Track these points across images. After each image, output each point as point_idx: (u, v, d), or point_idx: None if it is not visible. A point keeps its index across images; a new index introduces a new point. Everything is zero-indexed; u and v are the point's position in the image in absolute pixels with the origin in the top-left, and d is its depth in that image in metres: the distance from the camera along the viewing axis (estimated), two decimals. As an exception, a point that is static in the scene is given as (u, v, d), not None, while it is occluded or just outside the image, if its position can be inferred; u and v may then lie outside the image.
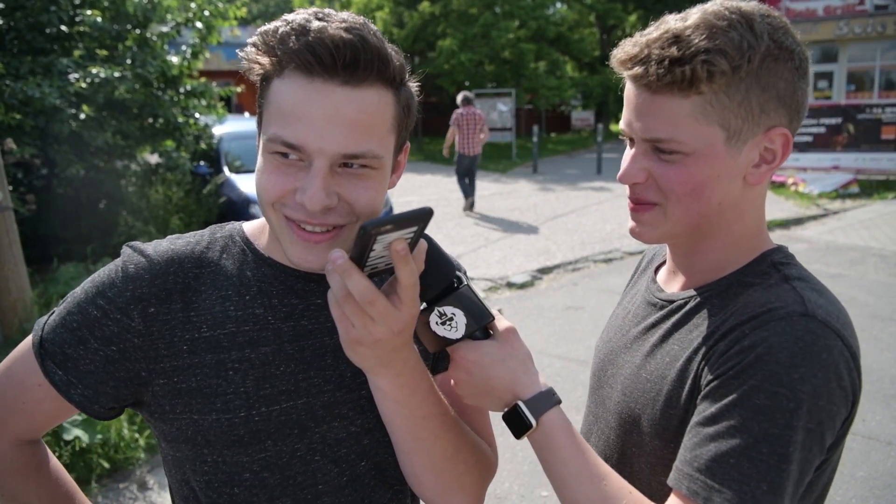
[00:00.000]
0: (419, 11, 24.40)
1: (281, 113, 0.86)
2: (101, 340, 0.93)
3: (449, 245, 9.17)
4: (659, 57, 0.91)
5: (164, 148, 7.42)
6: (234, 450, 0.95)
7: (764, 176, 0.96)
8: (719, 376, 0.86)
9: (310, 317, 0.99)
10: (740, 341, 0.87)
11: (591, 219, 11.12)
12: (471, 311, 0.92)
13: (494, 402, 0.96)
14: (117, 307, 0.93)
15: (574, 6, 29.28)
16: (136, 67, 6.68)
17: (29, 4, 6.55)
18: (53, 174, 6.98)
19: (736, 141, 0.92)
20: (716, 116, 0.91)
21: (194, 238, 1.02)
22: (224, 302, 0.96)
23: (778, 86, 0.91)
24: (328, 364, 0.98)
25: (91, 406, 0.96)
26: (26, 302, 4.67)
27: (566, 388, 4.72)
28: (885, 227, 9.53)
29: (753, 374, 0.83)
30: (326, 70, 0.84)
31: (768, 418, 0.81)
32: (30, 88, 5.74)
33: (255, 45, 0.88)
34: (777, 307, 0.88)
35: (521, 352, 0.97)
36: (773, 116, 0.93)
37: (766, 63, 0.90)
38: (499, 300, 6.88)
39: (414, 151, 23.98)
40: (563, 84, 25.61)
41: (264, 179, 0.89)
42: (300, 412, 0.96)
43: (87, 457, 3.58)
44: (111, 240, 7.05)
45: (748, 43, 0.89)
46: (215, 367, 0.94)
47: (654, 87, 0.92)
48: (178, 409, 0.95)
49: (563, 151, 25.07)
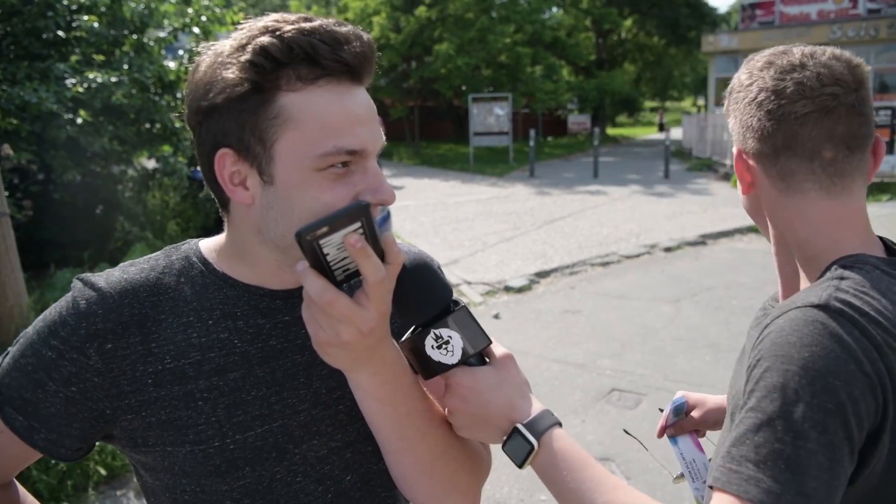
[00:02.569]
0: (416, 16, 24.45)
1: (329, 125, 0.83)
2: (59, 382, 0.89)
3: (446, 249, 9.17)
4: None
5: (161, 153, 7.40)
6: (211, 479, 0.92)
7: (744, 189, 1.07)
8: (748, 369, 0.88)
9: (278, 336, 0.95)
10: (765, 329, 0.89)
11: (588, 222, 11.13)
12: (467, 334, 0.89)
13: (491, 431, 0.92)
14: (72, 346, 0.88)
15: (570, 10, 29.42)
16: (133, 72, 6.67)
17: (26, 10, 6.54)
18: (50, 179, 6.96)
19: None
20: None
21: (148, 264, 0.97)
22: (186, 329, 0.92)
23: (740, 114, 1.06)
24: (301, 383, 0.95)
25: (57, 450, 0.93)
26: (23, 308, 4.66)
27: (564, 392, 4.72)
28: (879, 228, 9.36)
29: (767, 357, 0.84)
30: (356, 74, 0.86)
31: (781, 394, 0.80)
32: (27, 94, 5.72)
33: (262, 60, 0.82)
34: (800, 299, 0.89)
35: (518, 378, 0.93)
36: (739, 140, 1.07)
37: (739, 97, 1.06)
38: (496, 304, 6.88)
39: (411, 156, 23.99)
40: (560, 88, 25.71)
41: (328, 198, 0.83)
42: (276, 435, 0.93)
43: (84, 464, 3.57)
44: (108, 245, 7.04)
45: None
46: (183, 398, 0.90)
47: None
48: (151, 442, 0.91)
49: (559, 155, 25.12)
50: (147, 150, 7.47)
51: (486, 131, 20.82)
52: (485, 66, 25.04)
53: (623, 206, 12.83)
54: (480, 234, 10.32)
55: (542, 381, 4.89)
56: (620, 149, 28.62)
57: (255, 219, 0.89)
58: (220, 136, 0.86)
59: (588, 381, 4.89)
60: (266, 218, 0.88)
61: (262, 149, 0.84)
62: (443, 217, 11.82)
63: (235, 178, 0.87)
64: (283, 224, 0.86)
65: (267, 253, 0.91)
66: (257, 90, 0.82)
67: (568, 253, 8.90)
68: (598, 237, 9.88)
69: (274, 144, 0.84)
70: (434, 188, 15.90)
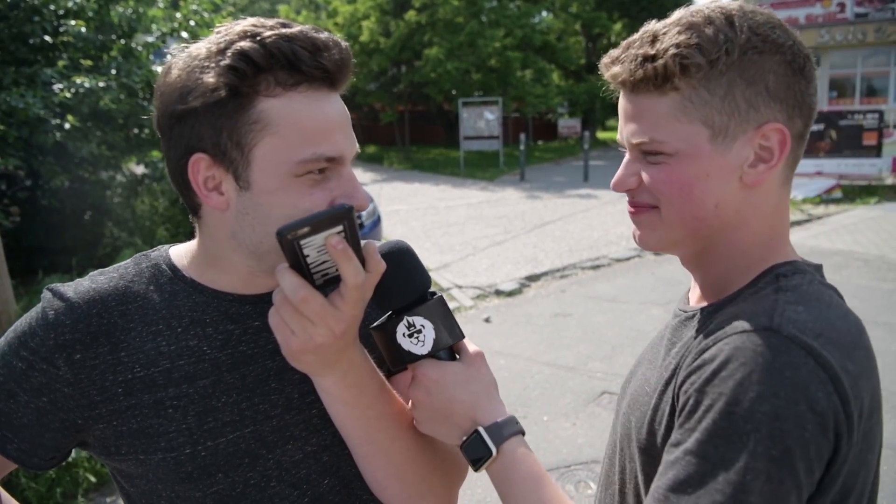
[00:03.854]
0: (405, 20, 24.48)
1: (308, 131, 0.83)
2: (30, 393, 0.90)
3: (437, 253, 9.17)
4: (634, 56, 0.90)
5: (150, 158, 7.38)
6: (185, 486, 0.91)
7: (762, 176, 0.89)
8: (684, 393, 0.81)
9: (248, 341, 0.94)
10: (702, 355, 0.82)
11: (579, 226, 11.16)
12: (441, 325, 0.87)
13: (452, 429, 0.90)
14: (41, 357, 0.89)
15: (560, 15, 29.51)
16: (121, 77, 6.64)
17: (12, 15, 6.51)
18: (38, 185, 6.92)
19: (723, 139, 0.88)
20: (697, 113, 0.87)
21: (117, 272, 0.97)
22: (156, 337, 0.92)
23: (766, 79, 0.86)
24: (273, 388, 0.94)
25: (29, 459, 0.93)
26: (10, 315, 4.63)
27: (554, 395, 4.73)
28: (867, 231, 9.63)
29: (709, 393, 0.77)
30: (332, 81, 0.86)
31: (724, 441, 0.74)
32: (13, 99, 5.69)
33: (242, 64, 0.81)
34: (743, 320, 0.81)
35: (487, 378, 0.91)
36: (764, 112, 0.87)
37: (749, 56, 0.85)
38: (487, 308, 6.88)
39: (401, 160, 24.00)
40: (550, 92, 25.77)
41: (306, 203, 0.84)
42: (248, 441, 0.92)
43: (74, 471, 3.54)
44: (96, 251, 7.00)
45: (725, 36, 0.85)
46: (153, 406, 0.90)
47: (631, 86, 0.91)
48: (124, 451, 0.92)
49: (550, 159, 25.19)
50: (136, 156, 7.44)
51: (477, 135, 20.85)
52: (475, 70, 25.09)
53: (613, 209, 12.88)
54: (471, 238, 10.33)
55: (532, 385, 4.89)
56: (611, 152, 28.72)
57: (230, 224, 0.88)
58: (194, 140, 0.85)
59: (579, 384, 4.90)
60: (241, 223, 0.87)
61: (239, 154, 0.84)
62: (433, 221, 11.82)
63: (210, 182, 0.86)
64: (259, 230, 0.86)
65: (239, 259, 0.91)
66: (236, 95, 0.82)
67: (558, 256, 8.92)
68: (589, 241, 9.90)
69: (252, 149, 0.84)
70: (425, 192, 15.91)
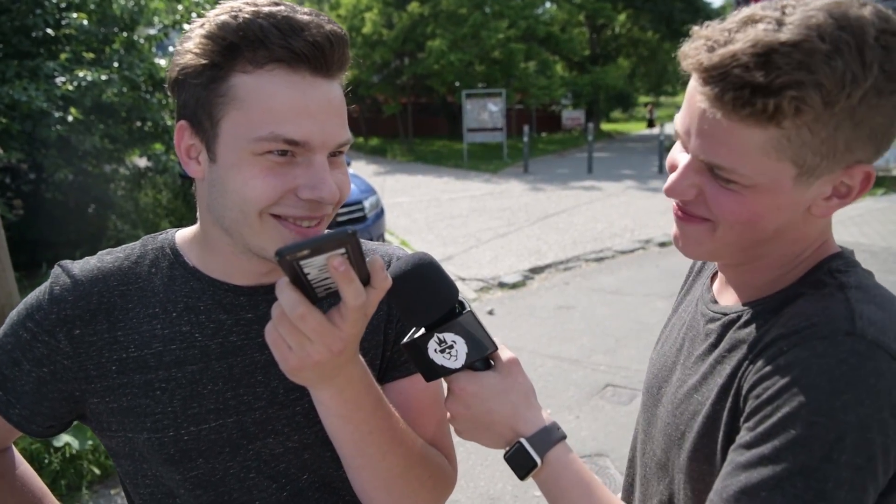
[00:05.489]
0: (408, 12, 24.38)
1: (272, 110, 0.81)
2: (32, 362, 0.93)
3: (440, 246, 9.16)
4: (740, 81, 0.74)
5: (153, 151, 7.37)
6: (166, 467, 0.94)
7: (833, 209, 0.84)
8: (756, 398, 0.78)
9: (239, 332, 0.95)
10: (776, 359, 0.78)
11: (583, 218, 11.14)
12: (472, 339, 0.86)
13: (494, 439, 0.90)
14: (44, 329, 0.93)
15: (563, 5, 29.36)
16: (123, 70, 6.63)
17: (14, 8, 6.49)
18: (41, 179, 6.92)
19: (808, 177, 0.80)
20: (790, 152, 0.78)
21: (124, 253, 0.99)
22: (151, 320, 0.94)
23: (874, 121, 0.77)
24: (259, 381, 0.95)
25: (29, 425, 0.97)
26: (14, 307, 4.63)
27: (558, 387, 4.73)
28: (874, 223, 9.59)
29: (789, 400, 0.74)
30: (316, 65, 0.83)
31: (805, 450, 0.72)
32: (16, 92, 5.68)
33: (215, 37, 0.82)
34: (821, 322, 0.77)
35: (524, 385, 0.90)
36: (857, 153, 0.79)
37: (868, 98, 0.75)
38: (490, 300, 6.87)
39: (405, 152, 23.97)
40: (554, 83, 25.67)
41: (258, 184, 0.83)
42: (230, 430, 0.94)
43: (78, 463, 3.56)
44: (100, 244, 7.01)
45: (852, 75, 0.73)
46: (143, 386, 0.93)
47: (728, 113, 0.77)
48: (114, 427, 0.95)
49: (553, 151, 25.12)
50: (139, 149, 7.44)
51: (480, 127, 20.79)
52: (478, 62, 25.00)
53: (617, 201, 12.84)
54: (474, 230, 10.31)
55: (536, 377, 4.89)
56: (615, 144, 28.65)
57: (206, 196, 0.90)
58: (181, 108, 0.88)
59: (582, 377, 4.90)
60: (211, 195, 0.89)
61: (210, 125, 0.85)
62: (437, 213, 11.80)
63: (192, 151, 0.89)
64: (220, 204, 0.88)
65: (218, 235, 0.92)
66: (211, 66, 0.83)
67: (562, 249, 8.90)
68: (593, 233, 9.88)
69: (219, 122, 0.85)
70: (428, 185, 15.88)
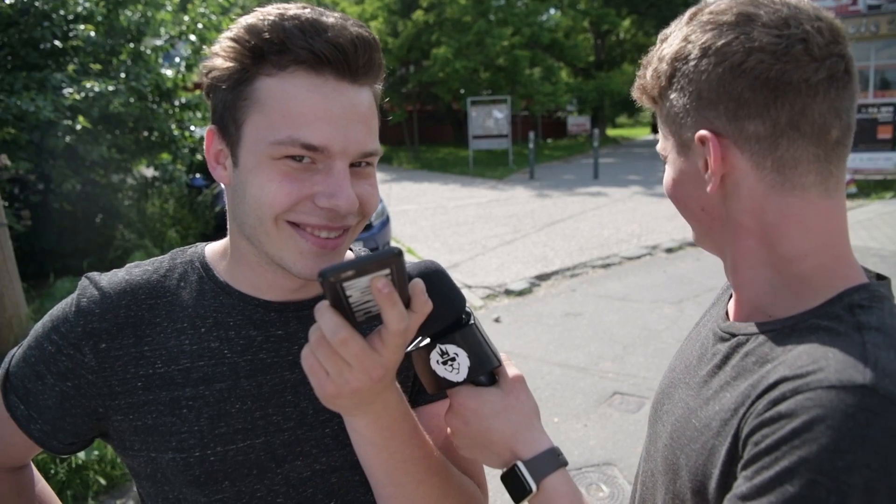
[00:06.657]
0: (413, 20, 24.48)
1: (292, 114, 0.80)
2: (56, 376, 0.91)
3: (446, 253, 9.15)
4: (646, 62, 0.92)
5: (160, 161, 7.42)
6: (191, 489, 0.90)
7: (715, 185, 0.83)
8: (755, 444, 0.72)
9: (269, 350, 0.92)
10: (778, 404, 0.71)
11: (589, 224, 11.11)
12: (475, 353, 0.83)
13: (492, 458, 0.88)
14: (70, 343, 0.90)
15: (568, 12, 29.41)
16: (130, 81, 6.68)
17: (23, 20, 6.55)
18: (49, 189, 6.96)
19: (683, 148, 0.87)
20: (667, 126, 0.89)
21: (152, 266, 0.97)
22: (179, 335, 0.91)
23: (700, 86, 0.82)
24: (288, 401, 0.92)
25: (50, 441, 0.94)
26: (22, 318, 4.65)
27: (565, 395, 4.70)
28: (883, 226, 9.52)
29: (789, 453, 0.67)
30: (340, 68, 0.81)
31: None
32: (24, 103, 5.72)
33: (241, 41, 0.81)
34: (830, 367, 0.70)
35: (527, 405, 0.87)
36: (700, 120, 0.83)
37: (700, 64, 0.82)
38: (497, 308, 6.85)
39: (411, 160, 24.00)
40: (559, 90, 25.70)
41: (273, 189, 0.81)
42: (258, 451, 0.90)
43: (84, 473, 3.56)
44: (108, 254, 7.04)
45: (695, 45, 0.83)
46: (169, 404, 0.89)
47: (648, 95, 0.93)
48: (137, 447, 0.91)
49: (559, 157, 25.11)
50: (146, 158, 7.49)
51: (486, 134, 20.82)
52: (483, 69, 25.06)
53: (624, 207, 12.81)
54: (480, 237, 10.30)
55: (543, 385, 4.86)
56: (620, 150, 28.61)
57: (231, 204, 0.89)
58: (213, 113, 0.87)
59: (590, 385, 4.87)
60: (234, 202, 0.88)
61: (234, 129, 0.84)
62: (443, 221, 11.80)
63: (221, 156, 0.88)
64: (241, 210, 0.86)
65: (246, 246, 0.90)
66: (237, 70, 0.82)
67: (569, 255, 8.87)
68: (599, 239, 9.85)
69: (242, 125, 0.83)
70: (434, 192, 15.89)
